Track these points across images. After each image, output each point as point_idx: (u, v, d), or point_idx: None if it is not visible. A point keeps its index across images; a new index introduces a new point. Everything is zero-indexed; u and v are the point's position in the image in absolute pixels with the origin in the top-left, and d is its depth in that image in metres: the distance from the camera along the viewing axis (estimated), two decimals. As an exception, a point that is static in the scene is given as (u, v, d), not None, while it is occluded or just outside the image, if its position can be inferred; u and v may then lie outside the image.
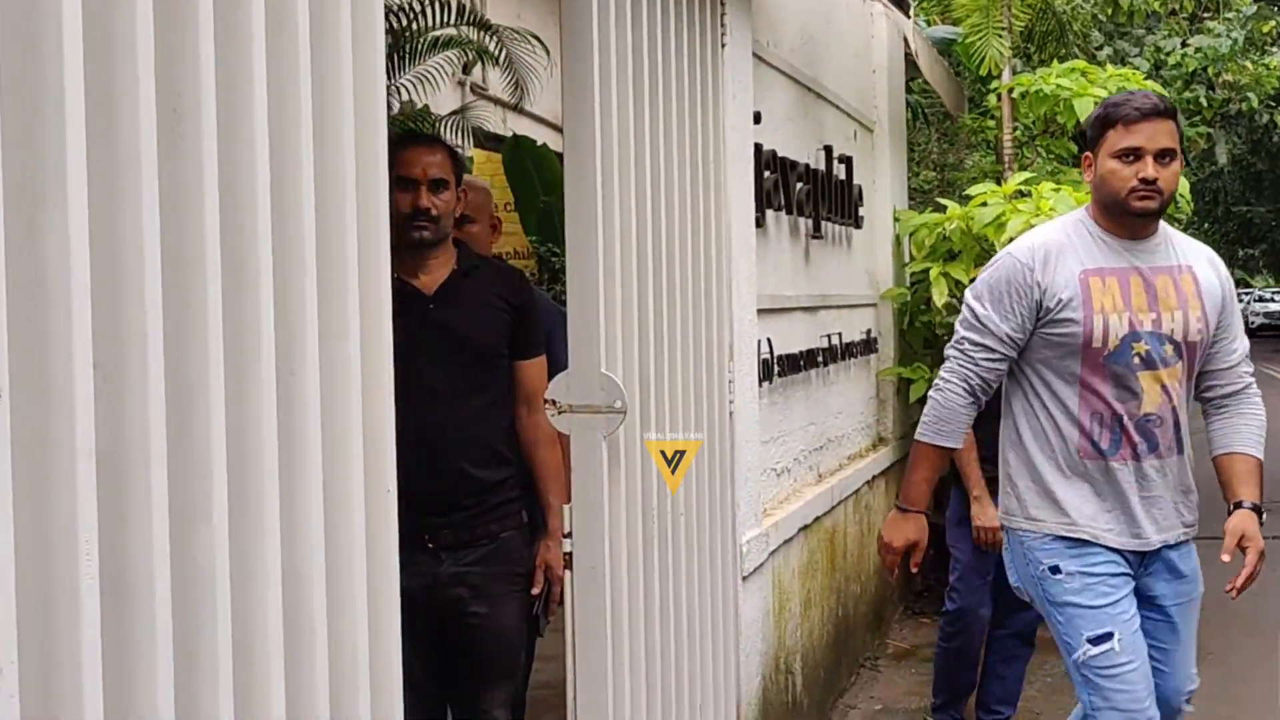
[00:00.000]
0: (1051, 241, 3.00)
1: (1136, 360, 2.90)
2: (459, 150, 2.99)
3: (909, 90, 7.78)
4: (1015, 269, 2.98)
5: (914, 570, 3.19)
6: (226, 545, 1.37)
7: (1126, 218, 2.93)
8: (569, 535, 2.79)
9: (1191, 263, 3.01)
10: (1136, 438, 2.94)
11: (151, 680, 1.23)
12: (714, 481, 3.50)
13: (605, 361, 2.78)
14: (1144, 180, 2.86)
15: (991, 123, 8.64)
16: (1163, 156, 2.88)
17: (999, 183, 6.39)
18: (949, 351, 3.09)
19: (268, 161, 1.47)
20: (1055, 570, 2.99)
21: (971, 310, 3.04)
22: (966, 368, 3.02)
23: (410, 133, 2.85)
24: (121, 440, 1.24)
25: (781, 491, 4.55)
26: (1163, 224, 3.04)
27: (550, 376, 2.92)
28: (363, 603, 1.68)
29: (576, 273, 2.78)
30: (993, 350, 3.01)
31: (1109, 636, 2.92)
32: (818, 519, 4.76)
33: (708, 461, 3.45)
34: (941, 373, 3.08)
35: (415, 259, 2.89)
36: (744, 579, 3.78)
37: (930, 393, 3.10)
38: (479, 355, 2.89)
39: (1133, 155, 2.88)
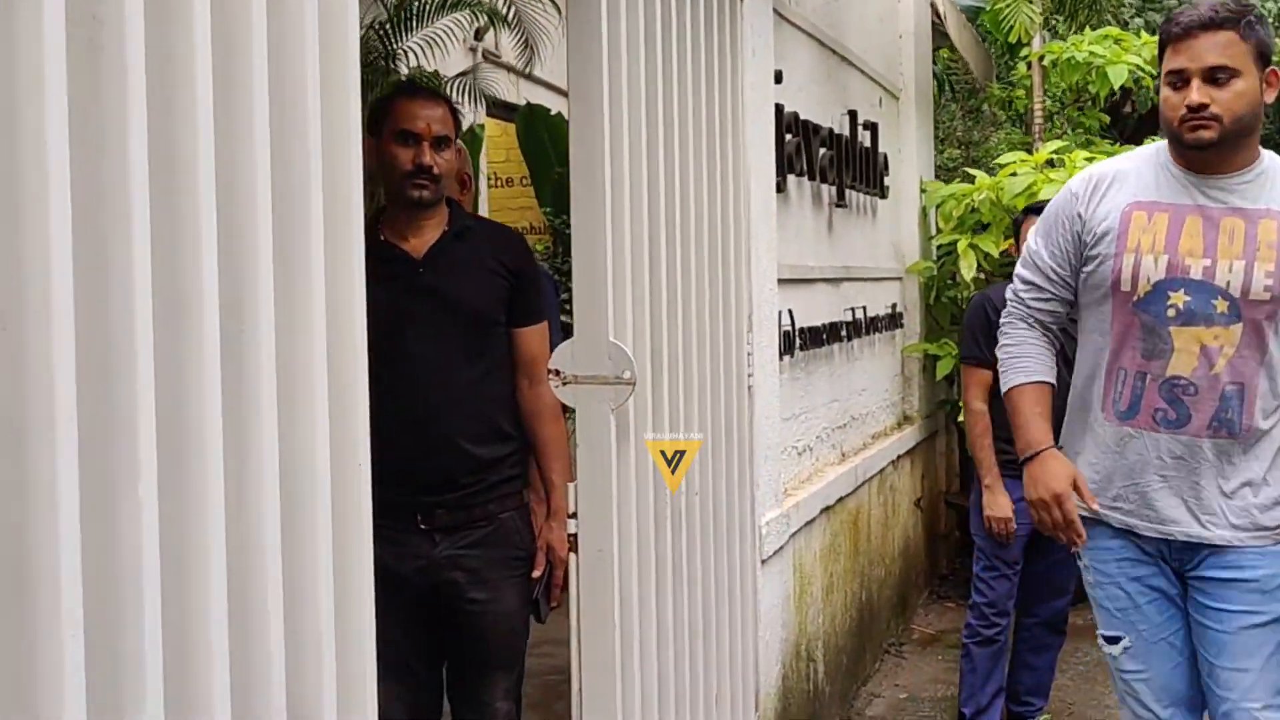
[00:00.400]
0: (1111, 170, 2.65)
1: (1171, 312, 2.50)
2: (458, 107, 2.78)
3: (934, 61, 7.55)
4: (1064, 199, 2.69)
5: (1095, 507, 2.62)
6: (156, 525, 1.18)
7: (1186, 150, 2.53)
8: (574, 515, 2.60)
9: None
10: (1159, 403, 2.53)
11: (57, 683, 1.04)
12: (732, 459, 3.30)
13: (613, 329, 2.59)
14: (1190, 107, 2.45)
15: (1020, 93, 8.38)
16: (1215, 76, 2.44)
17: (1030, 153, 6.15)
18: (1006, 294, 2.84)
19: (210, 80, 1.27)
20: (1078, 556, 2.77)
21: (1028, 245, 2.79)
22: (1019, 308, 2.77)
23: (411, 84, 2.61)
24: (22, 400, 1.05)
25: (803, 471, 4.35)
26: (1270, 158, 2.57)
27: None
28: (327, 592, 1.49)
29: (582, 235, 2.59)
30: (1040, 289, 2.73)
31: (1117, 640, 2.67)
32: (840, 500, 4.56)
33: (725, 438, 3.25)
34: (1001, 318, 2.84)
35: (407, 220, 2.69)
36: (763, 562, 3.59)
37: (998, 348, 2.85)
38: (473, 322, 2.69)
39: (1180, 79, 2.49)
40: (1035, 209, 4.26)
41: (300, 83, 1.45)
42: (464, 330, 2.67)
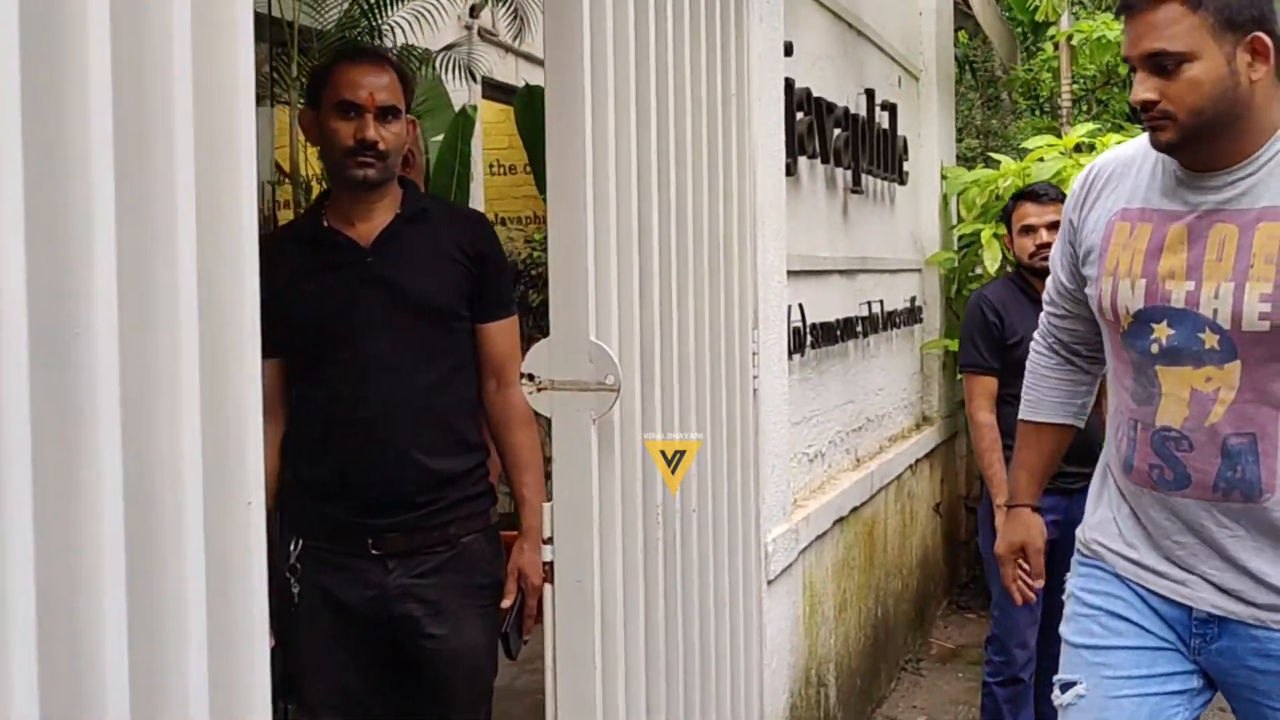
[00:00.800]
0: (1111, 164, 2.13)
1: (1155, 348, 2.00)
2: (409, 71, 2.45)
3: (955, 43, 7.20)
4: (1068, 199, 2.23)
5: (1037, 580, 2.46)
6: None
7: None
8: (549, 541, 2.27)
9: None
10: (1154, 459, 2.03)
11: None
12: (734, 471, 2.97)
13: (595, 328, 2.26)
14: (1137, 104, 1.97)
15: (1046, 75, 8.02)
16: (1162, 64, 1.89)
17: (1058, 137, 5.80)
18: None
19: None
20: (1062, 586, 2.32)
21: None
22: (1043, 326, 2.38)
23: (354, 47, 2.27)
24: None
25: (814, 479, 4.01)
26: None
27: None
28: (198, 666, 1.16)
29: (559, 221, 2.25)
30: (1054, 304, 2.32)
31: (1071, 685, 2.13)
32: (855, 510, 4.22)
33: (726, 447, 2.92)
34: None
35: (353, 204, 2.37)
36: (769, 583, 3.25)
37: None
38: (430, 316, 2.36)
39: (1132, 68, 1.96)
40: (1027, 194, 3.88)
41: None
42: (419, 326, 2.34)
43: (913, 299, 5.53)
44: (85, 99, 1.04)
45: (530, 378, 2.25)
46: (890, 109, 4.97)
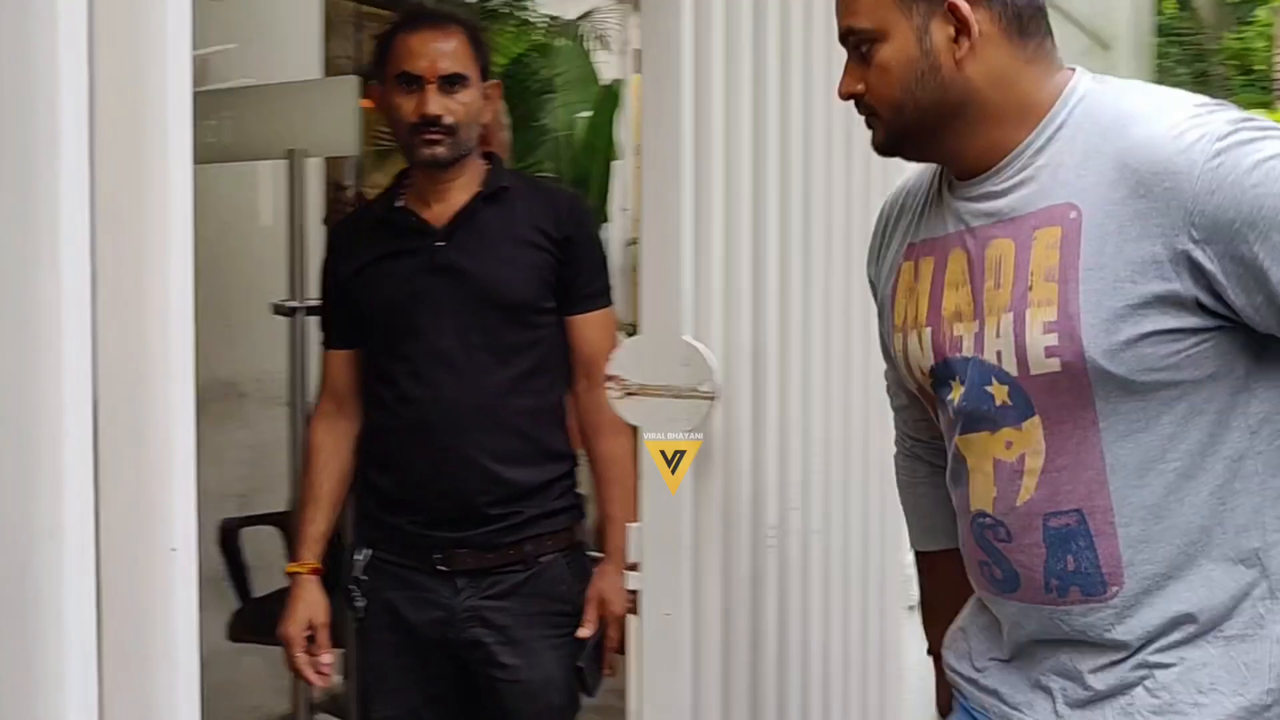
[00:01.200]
0: (900, 194, 1.66)
1: (953, 413, 1.50)
2: (480, 30, 2.19)
3: (1157, 11, 6.61)
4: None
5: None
6: None
7: None
8: (635, 567, 2.00)
9: (1077, 197, 1.37)
10: (980, 554, 1.52)
11: None
12: (869, 485, 2.64)
13: (693, 326, 1.97)
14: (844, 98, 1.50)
15: (1262, 45, 7.30)
16: (856, 47, 1.46)
17: (1272, 113, 5.22)
18: None
19: None
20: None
21: None
22: (894, 427, 1.82)
23: (417, 11, 2.01)
24: None
25: (972, 489, 3.63)
26: (1078, 99, 1.44)
27: None
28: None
29: (652, 204, 1.98)
30: (893, 396, 1.78)
31: None
32: (1019, 523, 3.82)
33: (861, 457, 2.59)
34: None
35: (428, 183, 2.14)
36: (910, 608, 2.91)
37: None
38: (506, 309, 2.10)
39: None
40: None
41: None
42: (493, 319, 2.09)
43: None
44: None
45: (617, 380, 1.97)
46: (1074, 80, 4.50)
